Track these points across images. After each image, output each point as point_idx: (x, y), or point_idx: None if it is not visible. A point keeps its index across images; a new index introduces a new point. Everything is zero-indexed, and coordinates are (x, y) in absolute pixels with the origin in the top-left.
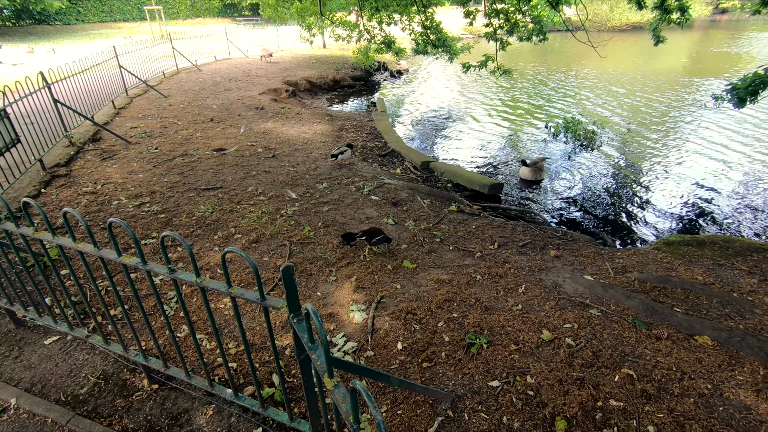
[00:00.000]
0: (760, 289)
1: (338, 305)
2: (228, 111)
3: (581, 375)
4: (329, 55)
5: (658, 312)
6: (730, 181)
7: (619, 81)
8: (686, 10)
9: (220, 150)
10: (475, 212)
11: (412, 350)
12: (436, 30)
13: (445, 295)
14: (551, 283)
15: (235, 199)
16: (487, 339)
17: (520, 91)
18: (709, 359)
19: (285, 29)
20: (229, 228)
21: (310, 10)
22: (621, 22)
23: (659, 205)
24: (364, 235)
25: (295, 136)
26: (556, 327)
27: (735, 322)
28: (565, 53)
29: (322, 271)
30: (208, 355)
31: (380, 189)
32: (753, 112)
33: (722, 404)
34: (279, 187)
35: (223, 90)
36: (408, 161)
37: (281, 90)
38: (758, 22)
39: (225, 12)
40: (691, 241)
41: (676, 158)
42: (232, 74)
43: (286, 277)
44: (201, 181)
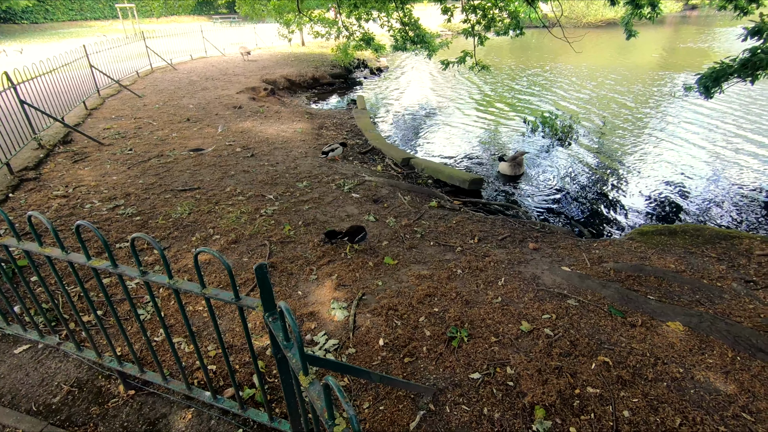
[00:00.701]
0: (728, 275)
1: (319, 303)
2: (205, 110)
3: (559, 364)
4: (308, 52)
5: (633, 300)
6: (700, 171)
7: (595, 76)
8: (656, 5)
9: (197, 150)
10: (455, 207)
11: (394, 346)
12: (415, 26)
13: (426, 290)
14: (530, 275)
15: (213, 199)
16: (467, 332)
17: (500, 86)
18: (680, 344)
19: (262, 27)
20: (208, 229)
21: (288, 7)
22: (596, 18)
23: (634, 196)
24: (346, 236)
25: (274, 134)
26: (534, 318)
27: (705, 307)
28: (544, 49)
29: (303, 270)
30: (187, 359)
31: (361, 186)
32: (720, 106)
33: (693, 387)
34: (258, 186)
35: (199, 89)
36: (389, 158)
37: (260, 88)
38: (725, 18)
39: (200, 10)
40: (663, 231)
41: (650, 150)
42: (209, 73)
43: (259, 276)
44: (178, 182)
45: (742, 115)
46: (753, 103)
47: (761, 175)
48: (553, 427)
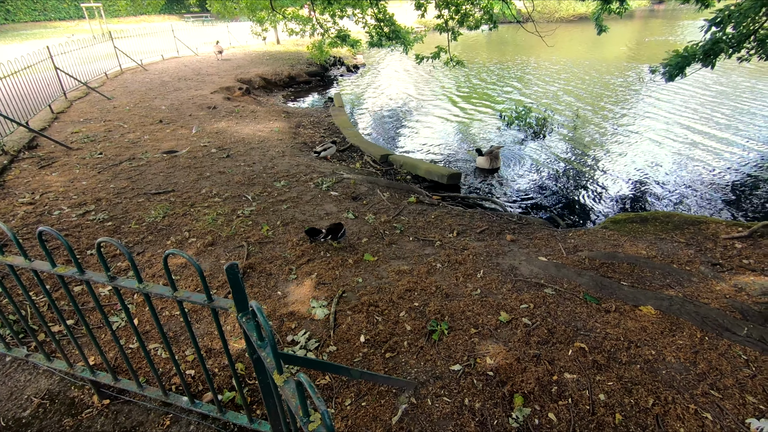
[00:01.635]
0: (696, 258)
1: (299, 303)
2: (178, 111)
3: (537, 352)
4: (283, 51)
5: (607, 287)
6: (668, 159)
7: (568, 69)
8: (624, 0)
9: (171, 152)
10: (434, 202)
11: (375, 342)
12: (390, 22)
13: (406, 285)
14: (508, 267)
15: (189, 202)
16: (448, 325)
17: (476, 81)
18: (652, 327)
19: (236, 25)
20: (183, 232)
21: (261, 4)
22: (568, 13)
23: (607, 186)
24: (328, 234)
25: (250, 134)
26: (513, 308)
27: (675, 291)
28: (519, 45)
29: (282, 270)
30: (164, 365)
31: (339, 184)
32: (685, 97)
33: (665, 368)
34: (235, 187)
35: (172, 90)
36: (367, 155)
37: (234, 88)
38: (690, 11)
39: (171, 9)
40: (635, 219)
41: (621, 140)
42: (182, 73)
43: (231, 276)
44: (151, 185)
45: (704, 107)
46: (715, 95)
47: (725, 161)
48: (532, 413)
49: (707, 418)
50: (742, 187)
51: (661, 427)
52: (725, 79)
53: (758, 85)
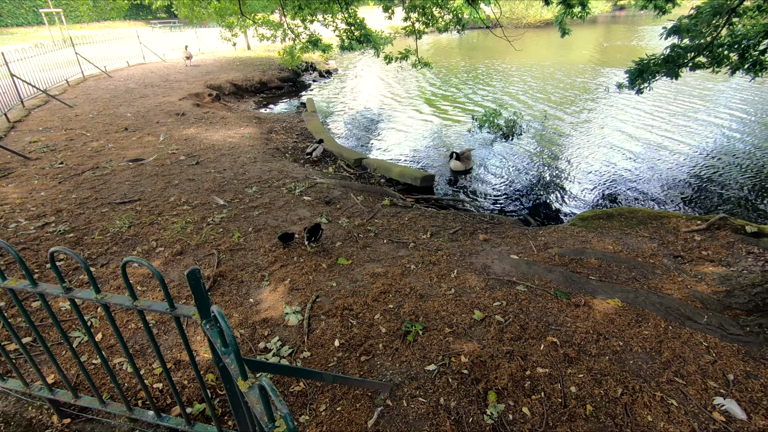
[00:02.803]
0: (659, 252)
1: (272, 309)
2: (145, 119)
3: (511, 348)
4: (254, 56)
5: (576, 282)
6: (632, 157)
7: (535, 72)
8: (585, 4)
9: (137, 160)
10: (408, 205)
11: (350, 345)
12: (360, 26)
13: (380, 287)
14: (481, 266)
15: (156, 210)
16: (422, 325)
17: (448, 85)
18: (620, 319)
19: (205, 31)
20: (150, 242)
21: (230, 10)
22: (536, 19)
23: (575, 184)
24: (311, 235)
25: (220, 140)
26: (486, 306)
27: (640, 283)
28: (489, 49)
29: (254, 277)
30: (129, 379)
31: (312, 189)
32: (648, 98)
33: (632, 358)
34: (204, 194)
35: (138, 96)
36: (341, 159)
37: (204, 94)
38: (650, 17)
39: (137, 14)
40: (602, 215)
41: (587, 140)
42: (148, 80)
43: (192, 282)
44: (116, 194)
45: (666, 107)
46: (676, 95)
47: (683, 158)
48: (506, 409)
49: (672, 404)
50: (699, 182)
51: (629, 416)
52: (682, 81)
53: (713, 87)
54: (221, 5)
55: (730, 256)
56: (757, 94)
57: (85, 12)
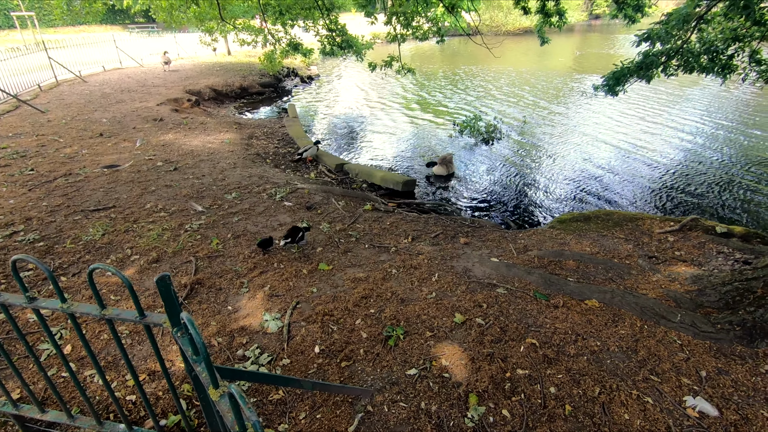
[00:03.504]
0: (634, 253)
1: (251, 317)
2: (121, 124)
3: (491, 350)
4: (235, 62)
5: (555, 283)
6: (609, 160)
7: (515, 78)
8: (563, 14)
9: (112, 166)
10: (389, 209)
11: (330, 352)
12: (342, 32)
13: (362, 292)
14: (462, 269)
15: (131, 218)
16: (403, 330)
17: (430, 90)
18: (597, 319)
19: (184, 36)
20: (125, 250)
21: (210, 14)
22: (515, 27)
23: (554, 187)
24: (288, 237)
25: (199, 146)
26: (467, 309)
27: (616, 284)
28: (471, 56)
29: (233, 284)
30: (101, 392)
31: (293, 194)
32: (623, 104)
33: (609, 357)
34: (182, 201)
35: (114, 102)
36: (322, 165)
37: (182, 99)
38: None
39: (114, 19)
40: (579, 217)
41: (565, 144)
42: (125, 85)
43: (162, 289)
44: (89, 201)
45: (640, 113)
46: (649, 102)
47: (656, 161)
48: (487, 412)
49: (648, 402)
50: (672, 185)
51: (607, 415)
52: (655, 88)
53: (684, 94)
54: (200, 10)
55: (702, 255)
56: (724, 101)
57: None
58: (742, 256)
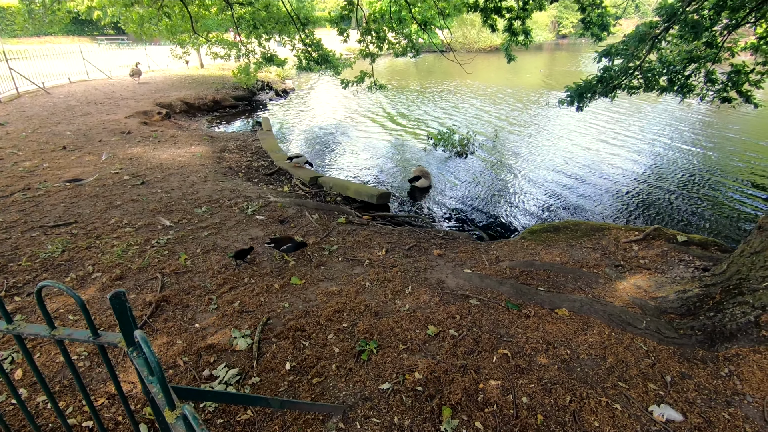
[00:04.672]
0: (601, 262)
1: (220, 334)
2: (86, 137)
3: (464, 362)
4: (208, 75)
5: (526, 293)
6: (577, 173)
7: (487, 93)
8: (528, 33)
9: (75, 180)
10: (364, 222)
11: (302, 368)
12: (318, 47)
13: (335, 306)
14: (435, 281)
15: (94, 233)
16: (377, 343)
17: (404, 105)
18: (567, 328)
19: (155, 49)
20: (86, 267)
21: (182, 27)
22: (486, 44)
23: (525, 199)
24: (272, 243)
25: (169, 159)
26: (440, 321)
27: (585, 292)
28: (444, 71)
29: (201, 301)
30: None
31: (266, 208)
32: (590, 118)
33: (579, 365)
34: (150, 215)
35: (79, 114)
36: (296, 178)
37: (153, 112)
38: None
39: (82, 30)
40: (549, 228)
41: (535, 157)
42: (92, 97)
43: (116, 307)
44: (49, 217)
45: (605, 127)
46: (615, 117)
47: (621, 173)
48: (460, 424)
49: (617, 408)
50: (636, 196)
51: (577, 423)
52: (622, 105)
53: (647, 108)
54: (172, 23)
55: (665, 263)
56: (682, 117)
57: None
58: (701, 264)
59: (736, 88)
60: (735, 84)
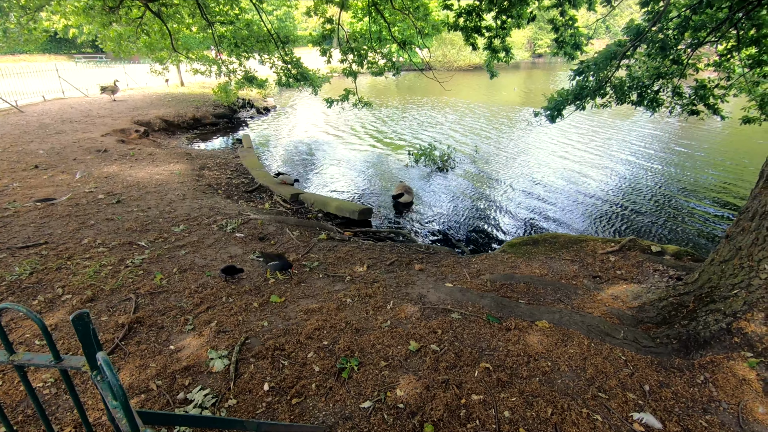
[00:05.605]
0: (580, 273)
1: (196, 356)
2: (60, 156)
3: (446, 377)
4: (188, 92)
5: (507, 306)
6: (555, 186)
7: (466, 110)
8: (509, 50)
9: (47, 200)
10: (345, 238)
11: (281, 388)
12: (297, 65)
13: (315, 324)
14: (417, 295)
15: (65, 254)
16: (358, 361)
17: (386, 121)
18: (548, 340)
19: (134, 67)
20: (55, 289)
21: (161, 44)
22: (466, 63)
23: (505, 212)
24: (262, 257)
25: (146, 178)
26: (422, 336)
27: (564, 304)
28: (425, 89)
29: (177, 321)
30: None
31: (246, 225)
32: (568, 134)
33: (560, 377)
34: (125, 235)
35: (53, 133)
36: (277, 195)
37: (130, 130)
38: (565, 64)
39: (58, 48)
40: (528, 241)
41: (515, 172)
42: (67, 115)
43: (79, 328)
44: (17, 238)
45: (582, 141)
46: (592, 132)
47: (599, 186)
48: None
49: (598, 419)
50: (612, 208)
51: None
52: (598, 120)
53: (621, 123)
54: (151, 40)
55: (640, 274)
56: (659, 134)
57: None
58: (675, 273)
59: (703, 101)
60: (701, 98)
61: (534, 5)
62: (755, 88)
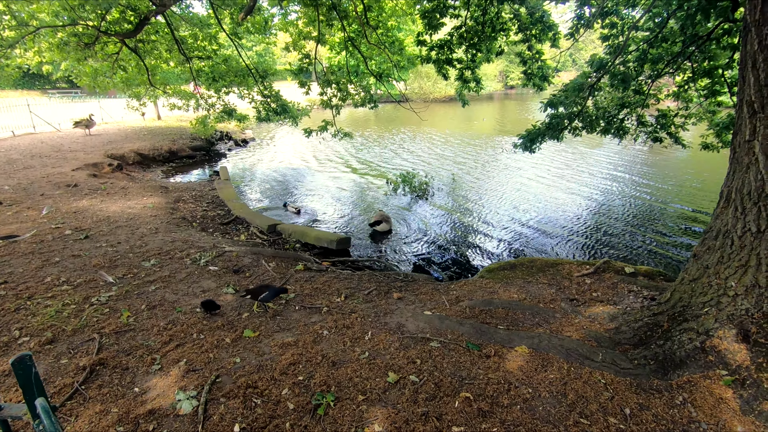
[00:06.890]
0: (557, 297)
1: (162, 397)
2: (26, 191)
3: (426, 409)
4: (165, 126)
5: (486, 332)
6: (531, 211)
7: (442, 140)
8: (479, 81)
9: (9, 237)
10: (323, 268)
11: (252, 429)
12: (276, 98)
13: (290, 358)
14: (395, 325)
15: (25, 294)
16: (334, 396)
17: (364, 151)
18: (527, 365)
19: (110, 102)
20: (12, 331)
21: (138, 80)
22: (441, 94)
23: (483, 238)
24: (248, 294)
25: (117, 212)
26: (401, 367)
27: (543, 328)
28: (403, 119)
29: (143, 362)
30: None
31: (220, 258)
32: (543, 160)
33: (541, 404)
34: (91, 271)
35: (21, 168)
36: (254, 226)
37: (103, 164)
38: (536, 95)
39: (32, 83)
40: (506, 266)
41: (491, 198)
42: (37, 150)
43: (21, 373)
44: None
45: (559, 168)
46: (561, 158)
47: (573, 211)
48: None
49: None
50: (586, 231)
51: None
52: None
53: (592, 151)
54: (128, 75)
55: (615, 295)
56: (629, 160)
57: None
58: (649, 293)
59: (665, 130)
60: (663, 126)
61: (502, 40)
62: (712, 117)
